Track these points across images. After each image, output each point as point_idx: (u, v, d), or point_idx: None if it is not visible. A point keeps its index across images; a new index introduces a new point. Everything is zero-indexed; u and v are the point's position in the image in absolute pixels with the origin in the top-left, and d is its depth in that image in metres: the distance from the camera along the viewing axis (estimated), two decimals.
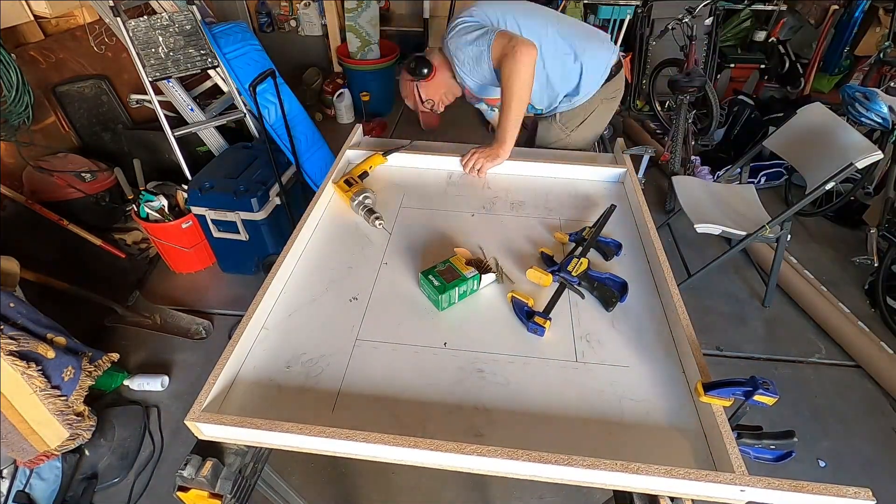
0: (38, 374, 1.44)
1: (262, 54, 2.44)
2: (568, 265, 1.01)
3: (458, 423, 0.79)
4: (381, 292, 1.02)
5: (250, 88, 1.86)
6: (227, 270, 2.41)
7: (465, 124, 3.73)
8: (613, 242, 1.12)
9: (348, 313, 0.97)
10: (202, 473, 0.76)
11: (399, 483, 1.64)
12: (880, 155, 1.68)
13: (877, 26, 3.36)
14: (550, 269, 1.03)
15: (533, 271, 1.04)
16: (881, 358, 1.94)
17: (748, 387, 0.73)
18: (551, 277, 1.01)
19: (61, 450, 1.55)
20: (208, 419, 0.74)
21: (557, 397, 0.82)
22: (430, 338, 0.92)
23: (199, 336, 2.09)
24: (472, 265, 1.00)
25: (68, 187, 2.28)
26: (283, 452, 0.80)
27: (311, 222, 1.17)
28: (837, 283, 2.35)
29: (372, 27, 3.41)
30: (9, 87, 2.01)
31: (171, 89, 2.27)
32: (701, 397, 0.77)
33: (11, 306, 1.50)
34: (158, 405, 1.85)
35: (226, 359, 0.83)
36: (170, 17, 2.09)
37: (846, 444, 1.76)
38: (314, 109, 3.71)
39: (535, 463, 0.68)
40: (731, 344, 2.10)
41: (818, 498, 0.65)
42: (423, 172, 1.44)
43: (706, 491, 0.68)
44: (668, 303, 0.97)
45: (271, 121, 2.33)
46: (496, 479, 1.58)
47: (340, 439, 0.71)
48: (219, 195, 2.05)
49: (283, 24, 4.05)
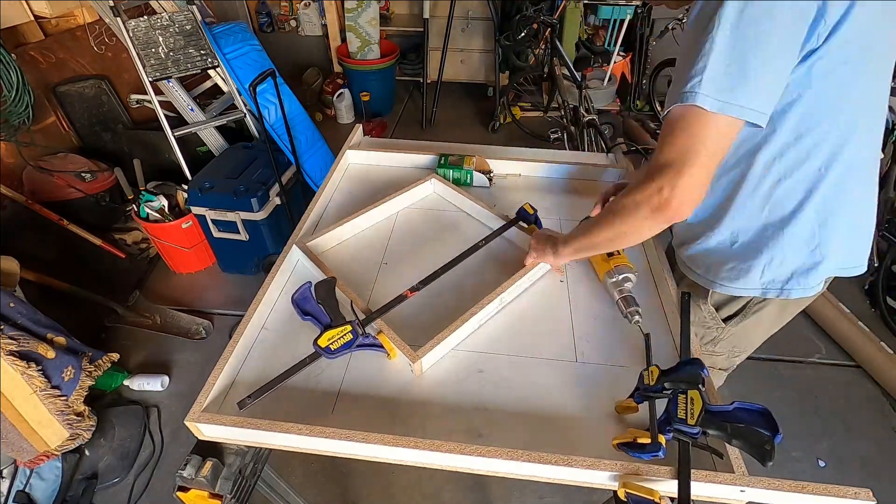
0: (38, 374, 1.45)
1: (262, 54, 2.44)
2: (676, 409, 0.68)
3: (458, 423, 0.78)
4: (381, 292, 1.02)
5: (250, 88, 1.86)
6: (227, 270, 2.41)
7: (466, 124, 3.74)
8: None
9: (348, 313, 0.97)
10: (202, 473, 0.76)
11: (399, 483, 1.64)
12: (880, 155, 1.67)
13: None
14: (660, 426, 0.69)
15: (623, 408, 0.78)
16: (881, 358, 1.93)
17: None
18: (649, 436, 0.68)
19: (61, 450, 1.55)
20: (208, 419, 0.74)
21: (557, 397, 0.82)
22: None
23: (199, 336, 2.09)
24: (479, 170, 1.28)
25: (68, 187, 2.28)
26: (283, 452, 0.80)
27: (311, 222, 1.17)
28: (837, 283, 2.34)
29: (372, 27, 3.41)
30: (9, 87, 2.01)
31: (171, 89, 2.27)
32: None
33: (11, 306, 1.50)
34: (158, 405, 1.85)
35: (226, 359, 0.83)
36: (170, 17, 2.09)
37: (846, 444, 1.76)
38: (314, 109, 3.71)
39: (535, 463, 0.68)
40: None
41: (818, 498, 0.65)
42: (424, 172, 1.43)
43: (706, 491, 0.68)
44: (667, 303, 0.97)
45: (271, 121, 2.33)
46: (496, 479, 1.58)
47: (340, 439, 0.71)
48: (219, 195, 2.05)
49: (283, 24, 4.05)
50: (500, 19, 3.49)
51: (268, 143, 2.08)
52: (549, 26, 2.78)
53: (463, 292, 1.00)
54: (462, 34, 3.64)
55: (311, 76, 3.84)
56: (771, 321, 0.97)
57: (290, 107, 2.43)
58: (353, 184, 1.36)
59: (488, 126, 3.61)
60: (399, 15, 3.88)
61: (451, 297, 0.99)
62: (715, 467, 0.72)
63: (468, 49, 3.73)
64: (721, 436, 0.65)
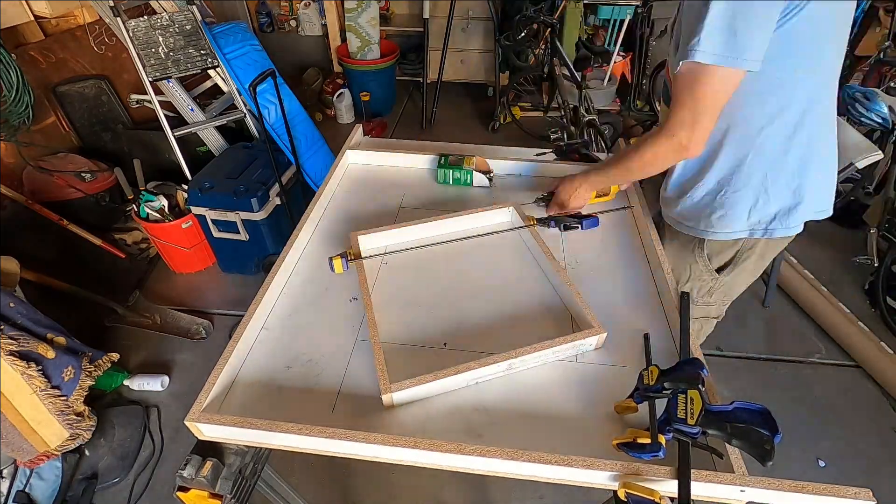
0: (38, 374, 1.45)
1: (262, 54, 2.44)
2: (676, 410, 0.68)
3: (458, 423, 0.78)
4: (382, 292, 1.02)
5: (250, 88, 1.86)
6: (227, 270, 2.41)
7: (466, 124, 3.74)
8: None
9: (348, 313, 0.97)
10: (202, 473, 0.76)
11: (399, 483, 1.64)
12: (880, 155, 1.67)
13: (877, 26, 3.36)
14: (659, 426, 0.69)
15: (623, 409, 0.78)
16: (881, 358, 1.93)
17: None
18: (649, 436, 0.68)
19: (61, 450, 1.55)
20: (208, 419, 0.74)
21: (557, 397, 0.82)
22: (430, 338, 0.92)
23: (199, 336, 2.09)
24: (479, 170, 1.25)
25: (68, 187, 2.28)
26: (283, 452, 0.79)
27: (311, 222, 1.17)
28: (837, 283, 2.35)
29: (372, 27, 3.41)
30: (9, 87, 2.01)
31: (171, 89, 2.27)
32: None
33: (11, 306, 1.50)
34: (158, 405, 1.85)
35: (226, 359, 0.83)
36: (170, 17, 2.09)
37: (846, 444, 1.76)
38: (314, 109, 3.71)
39: (535, 463, 0.68)
40: (732, 344, 2.09)
41: (818, 498, 0.65)
42: (424, 172, 1.43)
43: (706, 491, 0.68)
44: (668, 303, 0.97)
45: (271, 121, 2.33)
46: (496, 479, 1.57)
47: (340, 439, 0.71)
48: (219, 195, 2.05)
49: (283, 24, 4.05)
50: (500, 19, 3.49)
51: (268, 143, 2.08)
52: (549, 26, 2.78)
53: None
54: (462, 34, 3.65)
55: (311, 76, 3.84)
56: (754, 266, 1.09)
57: (290, 107, 2.43)
58: (353, 184, 1.37)
59: (488, 126, 3.61)
60: (399, 15, 3.88)
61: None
62: (715, 467, 0.71)
63: (468, 49, 3.73)
64: (721, 436, 0.65)
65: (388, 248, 1.10)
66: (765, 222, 0.97)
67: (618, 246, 1.14)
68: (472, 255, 1.11)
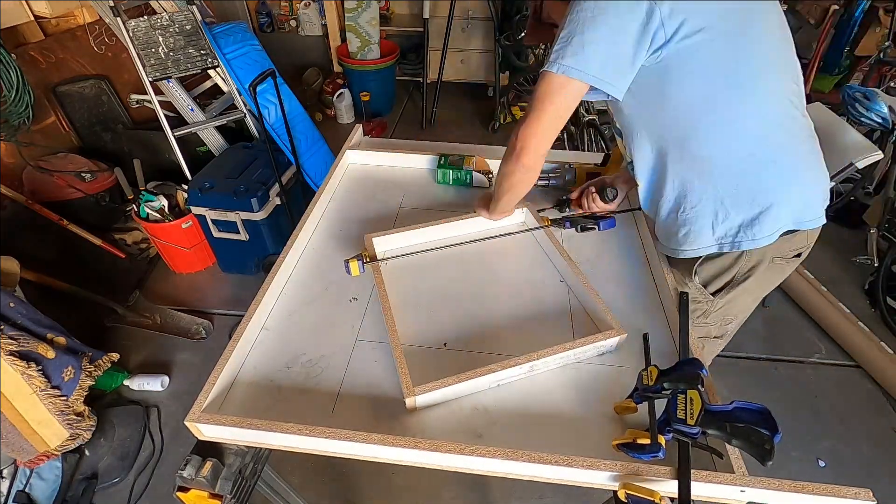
0: (38, 374, 1.45)
1: (262, 54, 2.44)
2: (675, 410, 0.68)
3: (458, 423, 0.78)
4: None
5: (250, 88, 1.86)
6: (227, 270, 2.41)
7: (466, 124, 3.73)
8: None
9: (348, 313, 0.97)
10: (202, 474, 0.76)
11: (399, 483, 1.64)
12: (880, 155, 1.67)
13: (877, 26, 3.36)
14: (659, 426, 0.69)
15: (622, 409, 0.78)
16: (881, 358, 1.93)
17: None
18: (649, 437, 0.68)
19: (61, 450, 1.55)
20: (208, 419, 0.74)
21: (557, 398, 0.82)
22: (430, 338, 0.92)
23: (199, 336, 2.09)
24: (479, 170, 1.29)
25: (68, 187, 2.28)
26: (283, 452, 0.80)
27: (311, 222, 1.17)
28: (837, 283, 2.35)
29: (372, 27, 3.40)
30: (9, 87, 2.01)
31: (171, 89, 2.27)
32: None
33: (11, 306, 1.50)
34: (158, 405, 1.85)
35: (226, 359, 0.83)
36: (170, 17, 2.09)
37: (846, 444, 1.76)
38: (314, 109, 3.71)
39: (535, 463, 0.68)
40: (732, 344, 2.07)
41: (818, 498, 0.65)
42: (424, 172, 1.43)
43: (706, 491, 0.68)
44: (667, 304, 0.97)
45: (271, 121, 2.33)
46: (496, 479, 1.57)
47: (340, 439, 0.71)
48: (219, 195, 2.05)
49: (283, 24, 4.05)
50: (500, 19, 3.49)
51: (268, 143, 2.08)
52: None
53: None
54: (462, 34, 3.64)
55: (311, 76, 3.84)
56: (757, 288, 1.03)
57: (290, 107, 2.43)
58: (353, 184, 1.37)
59: (488, 126, 3.61)
60: (399, 15, 3.88)
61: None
62: (715, 467, 0.72)
63: (468, 49, 3.73)
64: (721, 436, 0.65)
65: (404, 250, 1.10)
66: (731, 235, 0.93)
67: (617, 246, 1.15)
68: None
